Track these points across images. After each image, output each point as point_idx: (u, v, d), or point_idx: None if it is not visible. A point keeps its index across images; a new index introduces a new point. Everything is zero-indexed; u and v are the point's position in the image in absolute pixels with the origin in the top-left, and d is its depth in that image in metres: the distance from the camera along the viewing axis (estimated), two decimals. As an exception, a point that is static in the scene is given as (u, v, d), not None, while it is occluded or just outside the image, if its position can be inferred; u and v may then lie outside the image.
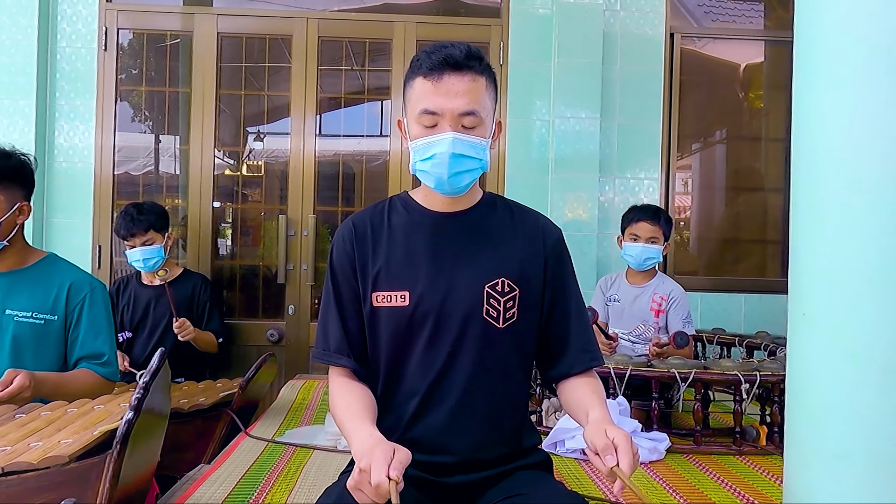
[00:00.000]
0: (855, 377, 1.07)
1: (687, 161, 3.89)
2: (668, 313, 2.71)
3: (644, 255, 2.70)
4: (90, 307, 1.93)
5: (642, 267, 2.74)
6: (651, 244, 2.69)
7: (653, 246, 2.69)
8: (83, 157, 3.33)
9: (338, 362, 1.32)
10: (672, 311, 2.70)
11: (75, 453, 1.23)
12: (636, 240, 2.71)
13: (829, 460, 1.09)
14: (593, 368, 1.35)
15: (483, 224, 1.34)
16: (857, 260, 1.07)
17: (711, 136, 4.00)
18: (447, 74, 1.21)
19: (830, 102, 1.12)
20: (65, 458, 1.21)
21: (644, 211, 2.76)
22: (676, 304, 2.70)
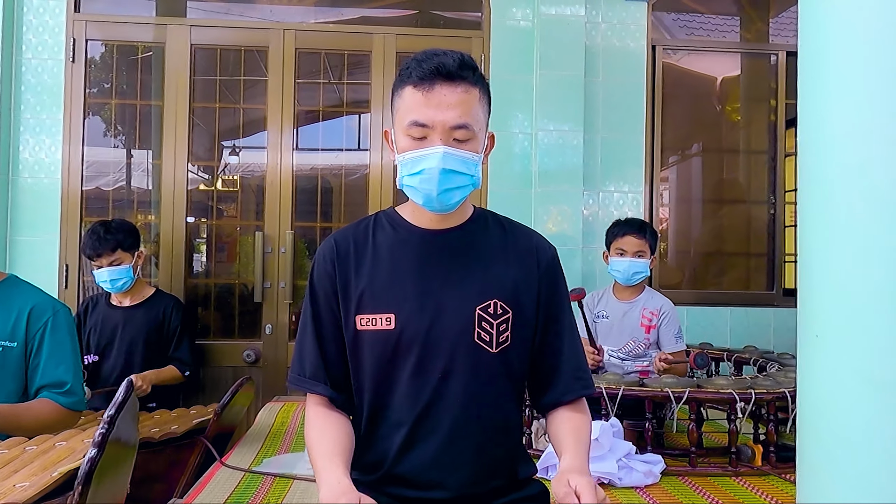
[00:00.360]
0: (872, 402, 1.01)
1: (670, 174, 3.87)
2: (659, 329, 2.65)
3: (632, 270, 2.65)
4: (52, 332, 1.81)
5: (630, 282, 2.68)
6: (638, 258, 2.64)
7: (640, 260, 2.64)
8: (49, 172, 3.20)
9: (314, 389, 1.24)
10: (664, 327, 2.64)
11: (32, 499, 1.12)
12: (623, 254, 2.65)
13: (846, 490, 1.03)
14: (585, 396, 1.29)
15: (474, 242, 1.27)
16: (871, 280, 1.02)
17: (690, 148, 4.00)
18: (439, 85, 1.14)
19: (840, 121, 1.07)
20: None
21: (629, 225, 2.71)
22: (668, 320, 2.64)
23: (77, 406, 1.83)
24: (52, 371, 1.80)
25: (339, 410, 1.25)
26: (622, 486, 1.87)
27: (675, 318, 2.64)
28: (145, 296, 2.92)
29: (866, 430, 1.02)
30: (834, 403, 1.06)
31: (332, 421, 1.22)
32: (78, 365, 1.88)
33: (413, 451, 1.21)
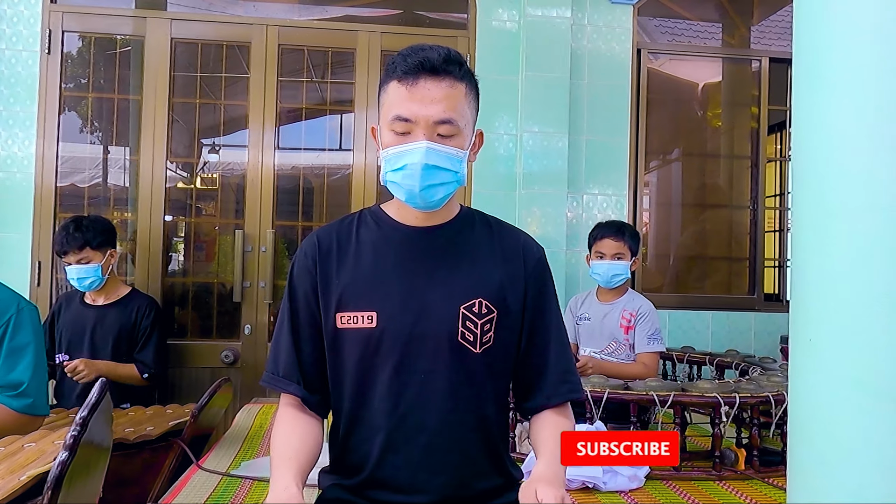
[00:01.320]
0: (864, 406, 1.00)
1: (653, 178, 3.88)
2: (635, 329, 2.65)
3: (611, 272, 2.65)
4: (14, 330, 1.74)
5: (610, 284, 2.68)
6: (617, 260, 2.64)
7: (619, 262, 2.65)
8: (22, 167, 3.12)
9: (286, 389, 1.22)
10: (639, 327, 2.63)
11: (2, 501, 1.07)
12: (602, 257, 2.67)
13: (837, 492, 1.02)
14: (571, 400, 1.27)
15: (460, 240, 1.25)
16: (865, 285, 1.01)
17: (672, 152, 4.01)
18: (423, 79, 1.12)
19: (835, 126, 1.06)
20: (-15, 509, 1.05)
21: (608, 227, 2.71)
22: (643, 320, 2.64)
23: (32, 409, 1.73)
24: (8, 371, 1.72)
25: (310, 412, 1.23)
26: (607, 490, 1.85)
27: (652, 319, 2.63)
28: (120, 295, 2.85)
29: (858, 434, 1.01)
30: (826, 407, 1.05)
31: (299, 423, 1.20)
32: (40, 366, 1.79)
33: (394, 454, 1.18)
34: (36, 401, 1.74)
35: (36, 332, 1.80)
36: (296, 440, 1.17)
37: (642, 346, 2.59)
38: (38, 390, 1.76)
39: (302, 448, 1.16)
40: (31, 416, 1.73)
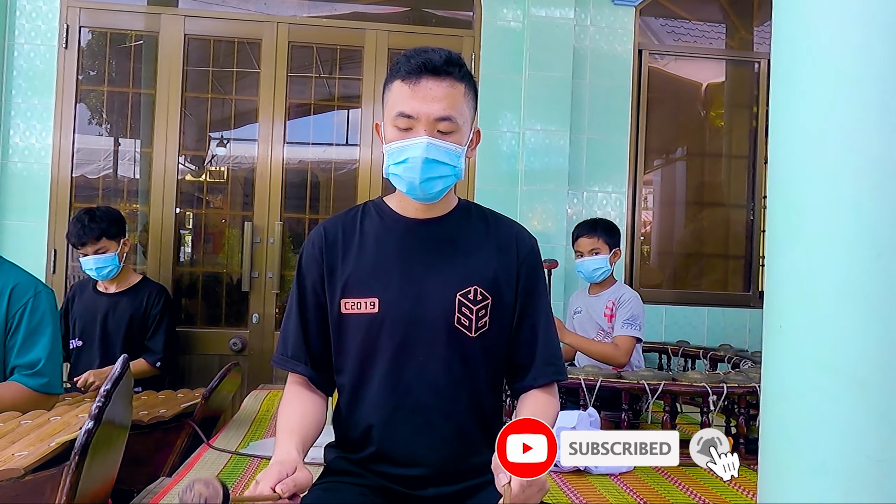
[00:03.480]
0: (831, 389, 1.08)
1: (653, 176, 3.95)
2: (615, 316, 2.73)
3: (591, 268, 2.76)
4: (31, 312, 1.81)
5: (593, 279, 2.79)
6: (594, 255, 2.74)
7: (596, 257, 2.75)
8: (39, 157, 3.22)
9: (294, 368, 1.30)
10: (618, 312, 2.71)
11: (30, 466, 1.16)
12: (581, 255, 2.78)
13: (806, 474, 1.10)
14: (555, 382, 1.34)
15: (457, 232, 1.33)
16: (833, 273, 1.09)
17: (674, 151, 4.08)
18: (425, 79, 1.20)
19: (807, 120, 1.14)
20: (19, 470, 1.14)
21: (582, 226, 2.85)
22: (622, 306, 2.70)
23: (47, 388, 1.80)
24: (26, 351, 1.80)
25: (316, 391, 1.32)
26: (597, 473, 1.94)
27: (631, 305, 2.69)
28: (131, 283, 2.94)
29: (828, 418, 1.08)
30: (795, 391, 1.13)
31: (304, 400, 1.29)
32: (55, 347, 1.86)
33: (394, 430, 1.26)
34: (51, 380, 1.82)
35: (53, 314, 1.87)
36: (300, 415, 1.25)
37: (618, 328, 2.67)
38: (53, 370, 1.84)
39: (305, 422, 1.24)
40: (45, 394, 1.80)
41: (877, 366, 1.05)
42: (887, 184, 1.06)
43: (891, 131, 1.07)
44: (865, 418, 1.06)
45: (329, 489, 1.28)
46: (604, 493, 1.81)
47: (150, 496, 1.66)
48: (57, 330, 1.89)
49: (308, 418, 1.26)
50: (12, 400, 1.70)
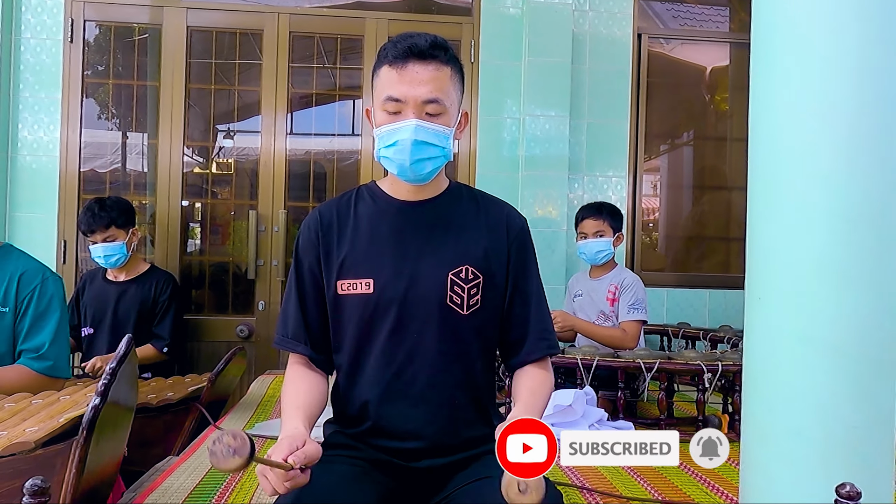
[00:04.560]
0: (808, 358, 1.12)
1: (654, 160, 3.96)
2: (619, 300, 2.76)
3: (594, 250, 2.78)
4: (39, 298, 1.86)
5: (595, 261, 2.81)
6: (598, 238, 2.76)
7: (600, 240, 2.77)
8: (48, 150, 3.28)
9: (294, 349, 1.34)
10: (622, 297, 2.73)
11: (41, 440, 1.22)
12: (585, 237, 2.80)
13: (784, 439, 1.14)
14: (548, 357, 1.37)
15: (448, 213, 1.36)
16: (809, 247, 1.12)
17: (678, 136, 4.08)
18: (411, 63, 1.23)
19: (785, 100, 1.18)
20: (30, 444, 1.20)
21: (587, 209, 2.86)
22: (625, 291, 2.73)
23: (52, 371, 1.85)
24: (33, 336, 1.84)
25: (316, 370, 1.36)
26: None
27: (635, 289, 2.72)
28: (140, 271, 3.00)
29: (804, 385, 1.13)
30: (774, 360, 1.16)
31: (307, 379, 1.32)
32: (61, 332, 1.91)
33: (390, 405, 1.30)
34: (56, 363, 1.86)
35: (60, 300, 1.92)
36: (304, 393, 1.29)
37: (624, 314, 2.70)
38: (59, 354, 1.88)
39: (309, 399, 1.28)
40: (50, 377, 1.85)
41: (851, 335, 1.09)
42: (860, 159, 1.10)
43: (862, 108, 1.10)
44: (840, 386, 1.09)
45: (328, 462, 1.32)
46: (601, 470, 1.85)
47: (158, 473, 1.72)
48: (64, 315, 1.94)
49: (311, 396, 1.29)
50: (18, 382, 1.76)
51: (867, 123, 1.10)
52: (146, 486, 1.62)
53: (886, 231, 1.11)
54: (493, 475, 1.26)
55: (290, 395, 1.29)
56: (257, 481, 1.59)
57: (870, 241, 1.10)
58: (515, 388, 1.33)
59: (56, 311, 1.89)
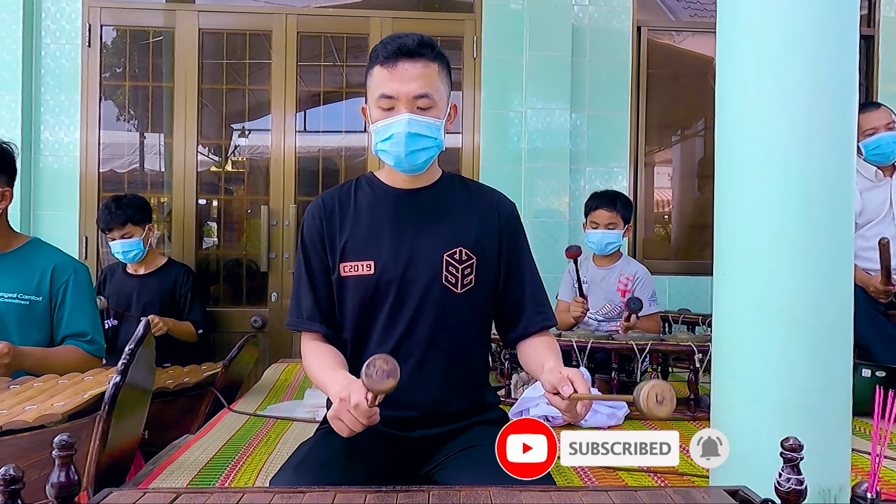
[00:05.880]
0: (768, 328, 1.20)
1: (654, 151, 4.02)
2: (633, 293, 2.83)
3: (604, 241, 2.84)
4: (74, 288, 2.00)
5: (604, 252, 2.87)
6: (610, 230, 2.82)
7: (612, 231, 2.82)
8: (69, 151, 3.42)
9: (310, 328, 1.42)
10: (638, 291, 2.82)
11: (68, 412, 1.33)
12: (596, 227, 2.85)
13: (747, 404, 1.22)
14: (547, 328, 1.46)
15: (442, 199, 1.46)
16: (768, 226, 1.20)
17: (685, 126, 4.14)
18: (401, 62, 1.33)
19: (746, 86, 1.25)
20: (58, 415, 1.31)
21: (602, 198, 2.89)
22: (642, 285, 2.83)
23: (98, 353, 2.03)
24: (75, 323, 1.99)
25: (331, 344, 1.45)
26: (587, 427, 2.07)
27: (648, 283, 2.82)
28: (158, 265, 3.14)
29: (763, 353, 1.21)
30: (738, 331, 1.25)
31: (327, 347, 1.41)
32: (97, 318, 2.07)
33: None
34: (100, 346, 2.05)
35: (90, 290, 2.08)
36: (330, 356, 1.37)
37: (646, 308, 2.77)
38: (99, 337, 2.06)
39: (338, 360, 1.36)
40: (98, 358, 2.03)
41: (807, 306, 1.17)
42: (814, 142, 1.18)
43: (817, 93, 1.18)
44: (797, 353, 1.18)
45: (329, 432, 1.43)
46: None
47: (174, 449, 1.84)
48: (95, 303, 2.10)
49: (340, 358, 1.37)
50: (75, 361, 1.92)
51: (821, 109, 1.18)
52: (164, 460, 1.74)
53: (839, 209, 1.19)
54: (482, 444, 1.36)
55: (320, 360, 1.35)
56: (265, 457, 1.72)
57: (824, 220, 1.18)
58: (534, 353, 1.39)
59: (91, 299, 2.05)
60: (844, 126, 1.20)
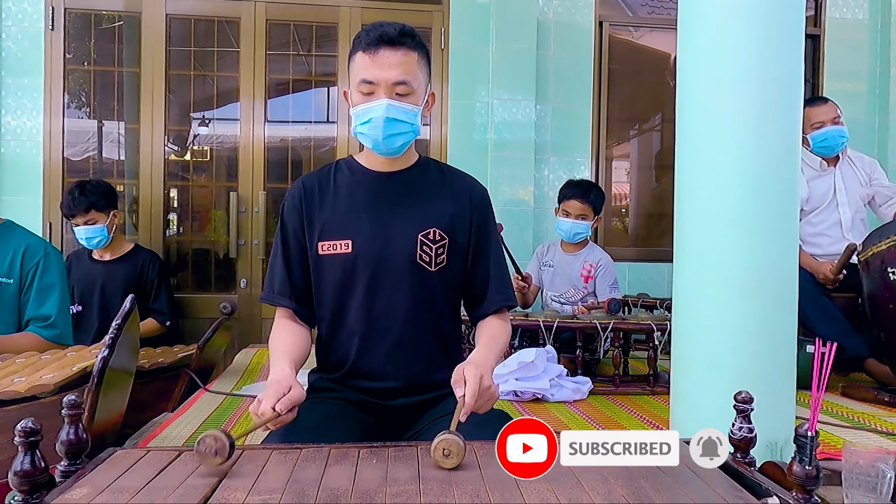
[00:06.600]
0: (722, 298, 1.32)
1: (616, 143, 4.16)
2: (595, 279, 2.96)
3: (573, 231, 2.95)
4: (43, 271, 2.00)
5: (572, 240, 2.99)
6: (580, 220, 2.93)
7: (582, 222, 2.93)
8: (31, 135, 3.38)
9: (280, 303, 1.49)
10: (599, 278, 2.95)
11: (59, 383, 1.37)
12: (567, 216, 2.95)
13: (702, 367, 1.34)
14: (507, 308, 1.54)
15: (417, 182, 1.53)
16: (723, 203, 1.32)
17: (643, 120, 4.28)
18: (382, 49, 1.39)
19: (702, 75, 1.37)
20: (50, 385, 1.35)
21: (576, 188, 2.98)
22: (604, 272, 2.96)
23: (59, 339, 2.00)
24: (37, 306, 1.99)
25: (300, 322, 1.52)
26: (554, 401, 2.18)
27: (610, 270, 2.95)
28: (124, 251, 3.13)
29: (717, 320, 1.33)
30: (695, 300, 1.36)
31: (292, 329, 1.48)
32: (65, 302, 2.06)
33: (368, 352, 1.47)
34: (63, 332, 2.02)
35: (61, 273, 2.07)
36: (290, 340, 1.45)
37: (604, 294, 2.90)
38: (65, 323, 2.04)
39: (294, 347, 1.44)
40: (58, 344, 1.99)
41: (756, 276, 1.29)
42: (764, 131, 1.30)
43: (768, 82, 1.30)
44: (749, 320, 1.30)
45: (313, 403, 1.49)
46: (560, 418, 2.05)
47: (155, 426, 1.88)
48: (66, 287, 2.09)
49: (297, 344, 1.45)
50: (30, 348, 1.89)
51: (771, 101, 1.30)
52: (146, 435, 1.78)
53: (785, 192, 1.31)
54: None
55: (278, 342, 1.44)
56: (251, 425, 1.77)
57: (774, 198, 1.30)
58: (477, 336, 1.50)
59: (59, 283, 2.03)
60: (791, 117, 1.32)
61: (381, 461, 1.03)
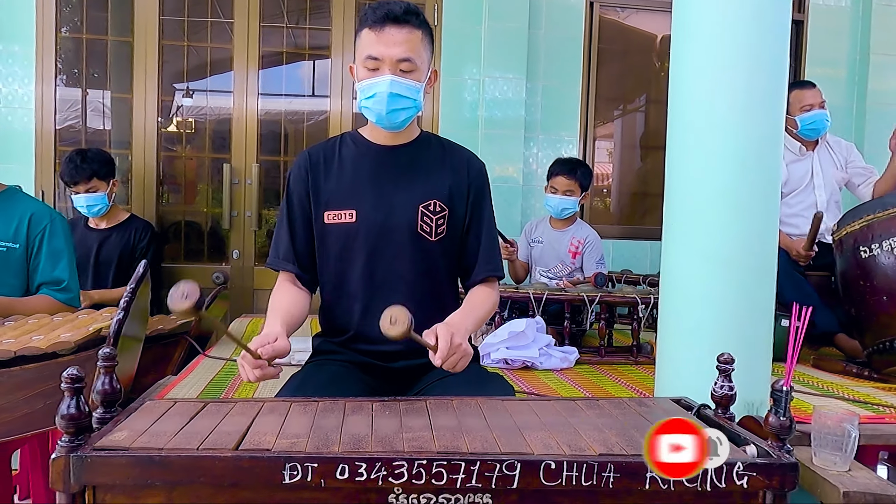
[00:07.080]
0: (706, 269, 1.41)
1: (604, 123, 4.24)
2: (583, 255, 3.06)
3: (560, 206, 3.04)
4: (50, 237, 2.05)
5: (560, 216, 3.08)
6: (567, 196, 3.02)
7: (569, 198, 3.02)
8: (23, 103, 3.37)
9: (284, 267, 1.57)
10: (587, 254, 3.05)
11: (79, 341, 1.43)
12: (555, 192, 3.04)
13: (686, 333, 1.44)
14: (494, 279, 1.62)
15: (419, 156, 1.60)
16: (709, 182, 1.41)
17: (629, 100, 4.36)
18: (388, 26, 1.45)
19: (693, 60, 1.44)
20: (71, 343, 1.41)
21: (563, 165, 3.07)
22: (591, 248, 3.05)
23: (72, 302, 2.07)
24: (50, 270, 2.04)
25: (301, 287, 1.59)
26: (542, 369, 2.28)
27: (597, 247, 3.05)
28: (120, 220, 3.17)
29: (701, 290, 1.42)
30: (681, 272, 1.46)
31: (292, 291, 1.56)
32: (73, 266, 2.12)
33: (370, 316, 1.55)
34: (75, 295, 2.10)
35: (67, 238, 2.12)
36: (287, 301, 1.53)
37: (591, 269, 3.00)
38: (76, 286, 2.11)
39: (291, 308, 1.51)
40: (71, 307, 2.07)
41: (739, 250, 1.39)
42: (750, 112, 1.39)
43: (756, 69, 1.38)
44: (730, 290, 1.40)
45: (318, 364, 1.58)
46: (549, 384, 2.15)
47: (160, 388, 1.94)
48: (72, 252, 2.14)
49: (294, 305, 1.53)
50: (45, 310, 1.96)
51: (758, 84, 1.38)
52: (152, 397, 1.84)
53: (770, 169, 1.40)
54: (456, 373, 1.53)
55: (275, 302, 1.52)
56: (251, 395, 1.85)
57: (757, 178, 1.39)
58: (465, 302, 1.57)
59: (67, 248, 2.09)
60: (776, 101, 1.41)
61: (394, 413, 1.12)
